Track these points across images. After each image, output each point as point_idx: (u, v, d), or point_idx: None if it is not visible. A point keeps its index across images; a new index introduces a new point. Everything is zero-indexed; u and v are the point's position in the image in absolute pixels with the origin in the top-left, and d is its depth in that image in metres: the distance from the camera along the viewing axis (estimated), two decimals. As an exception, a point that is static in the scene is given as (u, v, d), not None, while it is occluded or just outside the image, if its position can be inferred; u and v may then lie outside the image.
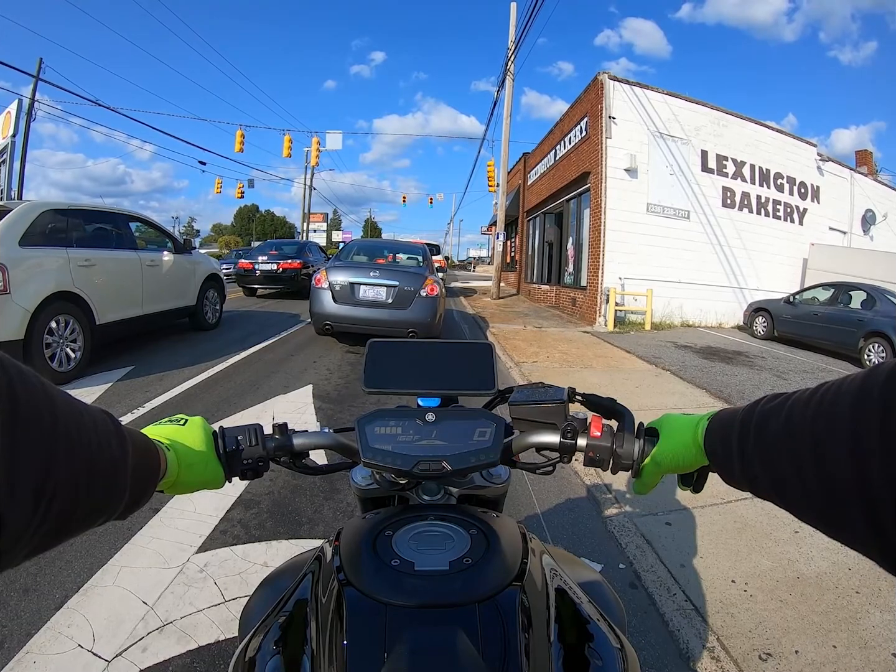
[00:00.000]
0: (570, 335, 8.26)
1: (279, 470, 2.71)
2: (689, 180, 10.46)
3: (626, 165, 9.64)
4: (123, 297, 5.00)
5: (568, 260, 11.97)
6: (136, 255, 5.26)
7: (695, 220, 10.47)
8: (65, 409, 0.33)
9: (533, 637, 0.50)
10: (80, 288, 4.35)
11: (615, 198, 9.49)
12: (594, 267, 9.67)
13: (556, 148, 12.22)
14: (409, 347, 0.78)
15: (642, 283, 9.46)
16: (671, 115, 10.43)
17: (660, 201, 10.05)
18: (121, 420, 0.47)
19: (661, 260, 9.87)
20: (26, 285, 3.83)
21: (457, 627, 0.47)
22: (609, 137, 9.64)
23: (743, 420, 0.46)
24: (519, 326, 8.90)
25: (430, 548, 0.58)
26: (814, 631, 1.79)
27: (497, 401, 0.82)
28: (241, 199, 28.03)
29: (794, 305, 9.06)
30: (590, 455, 0.65)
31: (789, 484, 0.38)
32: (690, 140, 10.64)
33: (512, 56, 13.69)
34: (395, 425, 0.66)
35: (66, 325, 4.21)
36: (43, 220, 4.18)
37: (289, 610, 0.58)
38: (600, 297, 9.28)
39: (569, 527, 2.42)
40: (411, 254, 7.31)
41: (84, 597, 1.74)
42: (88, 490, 0.35)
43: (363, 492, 0.81)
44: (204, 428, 0.62)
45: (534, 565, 0.58)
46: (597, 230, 9.63)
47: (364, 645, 0.47)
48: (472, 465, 0.63)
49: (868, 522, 0.30)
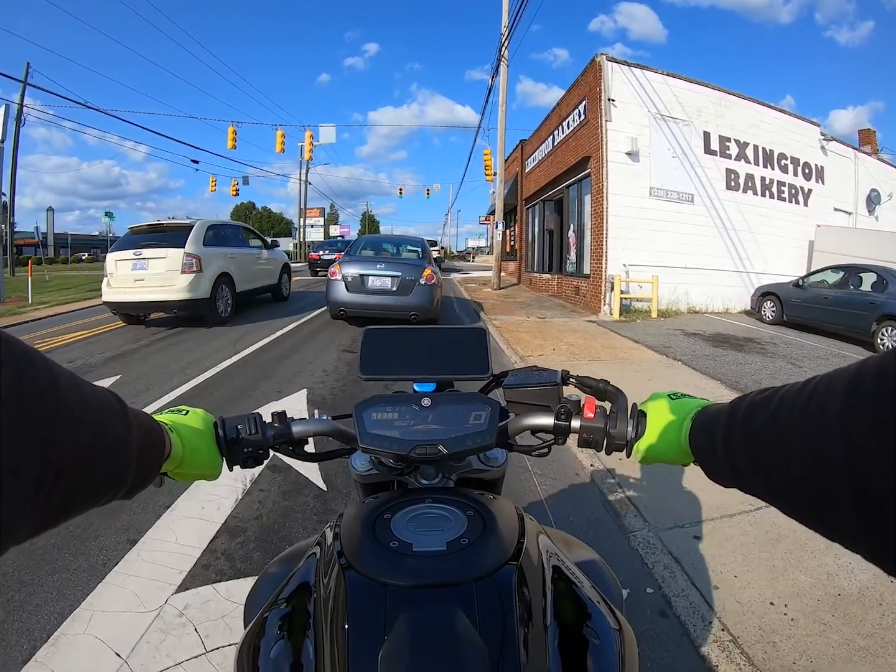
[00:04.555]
0: (576, 325, 8.04)
1: (268, 490, 2.52)
2: (692, 163, 10.17)
3: (628, 149, 9.35)
4: (247, 276, 8.13)
5: (569, 248, 11.62)
6: (252, 251, 8.59)
7: (699, 204, 10.19)
8: (69, 389, 0.34)
9: (530, 616, 0.50)
10: (230, 270, 7.47)
11: (617, 182, 9.20)
12: (597, 254, 9.40)
13: (554, 133, 11.86)
14: (404, 334, 0.79)
15: (647, 269, 9.19)
16: (672, 96, 10.12)
17: (663, 185, 9.76)
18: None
19: (665, 245, 9.60)
20: (208, 268, 6.88)
21: (455, 606, 0.47)
22: (609, 120, 9.35)
23: (730, 413, 0.46)
24: (522, 317, 8.67)
25: (427, 529, 0.58)
26: (860, 657, 1.62)
27: (492, 385, 0.84)
28: (236, 196, 28.21)
29: (803, 289, 8.81)
30: (584, 436, 0.66)
31: (774, 473, 0.37)
32: (692, 122, 10.34)
33: (505, 42, 13.32)
34: (391, 411, 0.67)
35: (224, 290, 7.33)
36: (210, 231, 7.25)
37: (291, 595, 0.59)
38: (604, 286, 9.01)
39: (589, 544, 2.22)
40: (412, 246, 8.06)
41: (54, 648, 1.56)
42: (93, 468, 0.36)
43: (362, 477, 0.82)
44: (205, 418, 0.65)
45: (530, 545, 0.59)
46: (599, 216, 9.35)
47: (365, 626, 0.48)
48: (467, 447, 0.64)
49: (856, 511, 0.29)
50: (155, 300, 6.58)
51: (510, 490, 2.46)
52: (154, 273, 6.55)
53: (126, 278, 6.61)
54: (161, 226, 7.26)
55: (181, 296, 6.52)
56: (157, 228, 7.15)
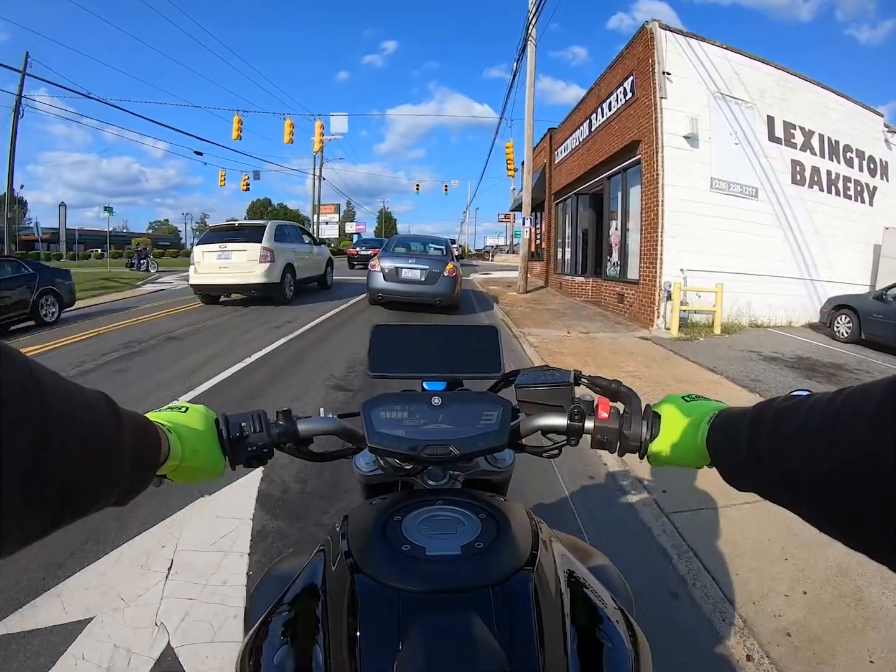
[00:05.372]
0: (629, 344, 6.60)
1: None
2: (755, 151, 8.70)
3: (686, 131, 7.89)
4: (303, 267, 9.80)
5: (611, 248, 10.07)
6: (306, 247, 10.23)
7: (763, 200, 8.73)
8: (53, 390, 0.32)
9: (547, 621, 0.49)
10: (293, 262, 9.19)
11: (674, 171, 7.73)
12: (650, 257, 7.92)
13: (591, 118, 10.34)
14: (413, 331, 0.77)
15: (707, 276, 7.75)
16: (732, 73, 8.67)
17: (724, 176, 8.29)
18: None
19: (727, 247, 8.14)
20: (278, 259, 8.57)
21: (473, 612, 0.46)
22: (664, 97, 7.88)
23: (754, 418, 0.44)
24: (561, 332, 7.21)
25: (440, 532, 0.56)
26: None
27: (502, 384, 0.82)
28: (246, 191, 26.98)
29: (885, 302, 7.37)
30: (597, 437, 0.65)
31: (801, 479, 0.36)
32: (755, 104, 8.88)
33: (533, 19, 11.83)
34: (401, 410, 0.65)
35: (288, 277, 9.02)
36: (278, 229, 9.07)
37: (297, 598, 0.57)
38: (659, 294, 7.54)
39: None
40: (437, 245, 9.60)
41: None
42: (83, 472, 0.34)
43: (367, 478, 0.80)
44: (206, 415, 0.62)
45: (544, 550, 0.57)
46: (652, 212, 7.87)
47: (378, 631, 0.46)
48: (479, 448, 0.63)
49: (880, 521, 0.29)
50: (237, 283, 8.40)
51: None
52: (236, 262, 8.24)
53: (212, 266, 8.33)
54: (238, 225, 9.48)
55: (259, 280, 8.28)
56: (234, 227, 9.26)
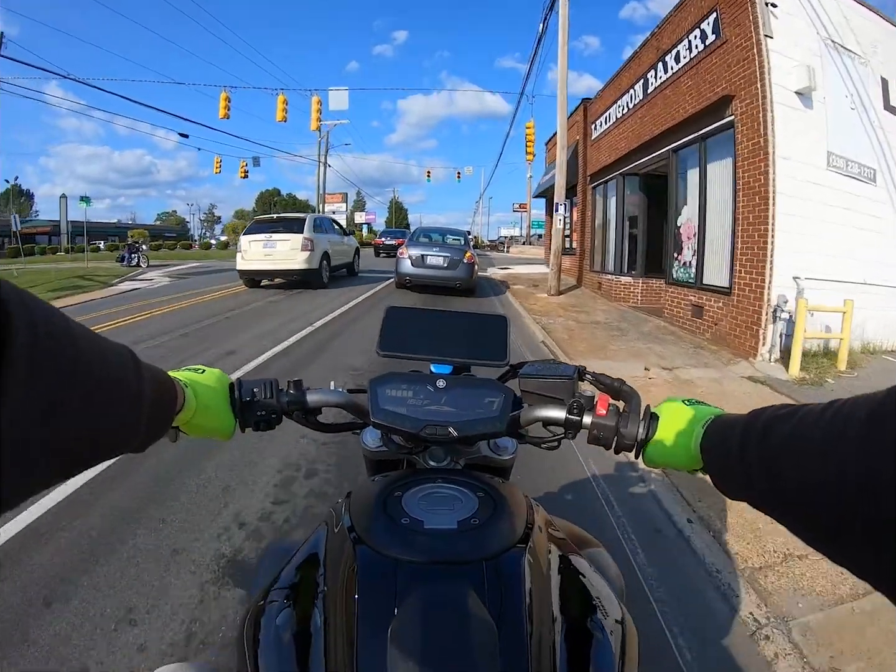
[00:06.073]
0: (735, 391, 4.40)
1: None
2: (871, 121, 6.50)
3: (799, 85, 5.65)
4: (336, 255, 11.67)
5: (680, 243, 7.64)
6: (338, 237, 12.18)
7: (881, 185, 6.54)
8: (85, 343, 0.34)
9: (536, 596, 0.50)
10: (328, 251, 10.84)
11: (787, 139, 5.51)
12: (751, 258, 5.69)
13: (647, 76, 8.02)
14: (425, 315, 0.79)
15: (825, 285, 5.56)
16: (842, 18, 6.43)
17: (842, 151, 6.07)
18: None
19: (842, 246, 5.95)
20: (317, 248, 10.09)
21: (465, 583, 0.48)
22: (769, 36, 5.65)
23: (746, 424, 0.44)
24: (634, 367, 4.98)
25: (438, 508, 0.58)
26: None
27: (509, 375, 0.84)
28: (244, 178, 26.00)
29: None
30: (594, 433, 0.65)
31: (789, 488, 0.36)
32: (868, 60, 6.67)
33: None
34: (406, 389, 0.67)
35: (325, 264, 10.58)
36: (316, 221, 10.74)
37: (300, 567, 0.60)
38: (766, 313, 5.32)
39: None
40: (456, 236, 11.08)
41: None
42: (104, 419, 0.36)
43: (373, 454, 0.82)
44: (220, 377, 0.65)
45: (538, 530, 0.59)
46: (757, 194, 5.59)
47: (375, 600, 0.48)
48: (477, 432, 0.65)
49: (866, 534, 0.29)
50: (282, 269, 9.72)
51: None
52: (280, 250, 9.57)
53: (258, 253, 9.65)
54: (278, 218, 10.86)
55: (301, 266, 9.65)
56: (277, 220, 10.64)
